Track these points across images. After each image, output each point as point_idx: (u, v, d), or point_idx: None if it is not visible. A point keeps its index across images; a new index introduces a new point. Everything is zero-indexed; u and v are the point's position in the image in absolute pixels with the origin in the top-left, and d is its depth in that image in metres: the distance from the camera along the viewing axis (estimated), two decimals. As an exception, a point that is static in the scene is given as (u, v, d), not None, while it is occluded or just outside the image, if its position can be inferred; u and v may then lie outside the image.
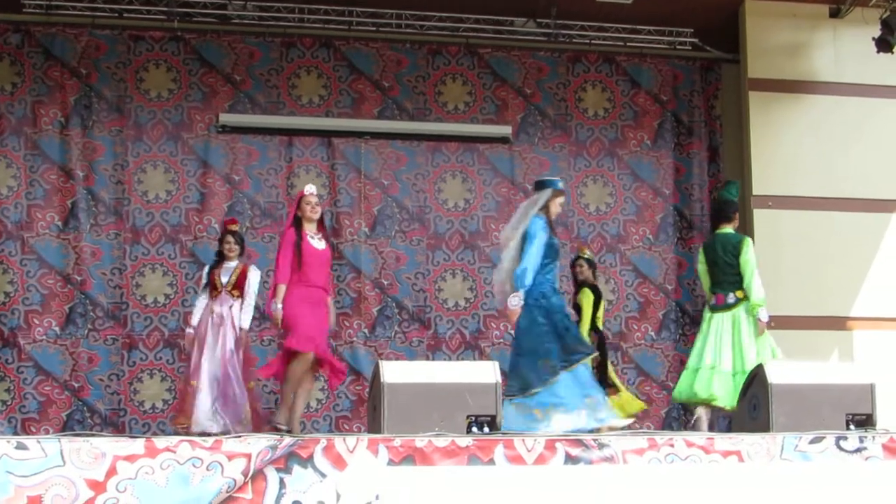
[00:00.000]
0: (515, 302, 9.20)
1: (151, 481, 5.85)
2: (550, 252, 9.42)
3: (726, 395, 9.66)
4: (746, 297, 9.92)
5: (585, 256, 11.92)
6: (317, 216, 10.06)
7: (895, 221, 13.20)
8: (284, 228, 10.31)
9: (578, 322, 11.12)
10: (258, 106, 12.70)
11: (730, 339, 9.92)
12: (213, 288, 10.73)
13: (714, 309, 10.12)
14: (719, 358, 9.85)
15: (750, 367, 9.17)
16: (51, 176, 12.14)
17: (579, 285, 11.75)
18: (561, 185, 9.92)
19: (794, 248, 12.60)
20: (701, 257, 10.45)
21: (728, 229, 10.27)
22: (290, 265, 9.82)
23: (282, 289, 9.78)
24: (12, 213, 12.04)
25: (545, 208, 9.58)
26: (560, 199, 9.75)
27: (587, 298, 11.50)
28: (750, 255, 9.99)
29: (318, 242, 9.96)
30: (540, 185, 9.91)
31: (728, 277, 10.06)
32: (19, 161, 12.11)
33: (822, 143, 13.12)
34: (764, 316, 9.89)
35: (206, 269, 10.98)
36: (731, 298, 9.99)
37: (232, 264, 10.81)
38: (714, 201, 10.89)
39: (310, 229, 9.97)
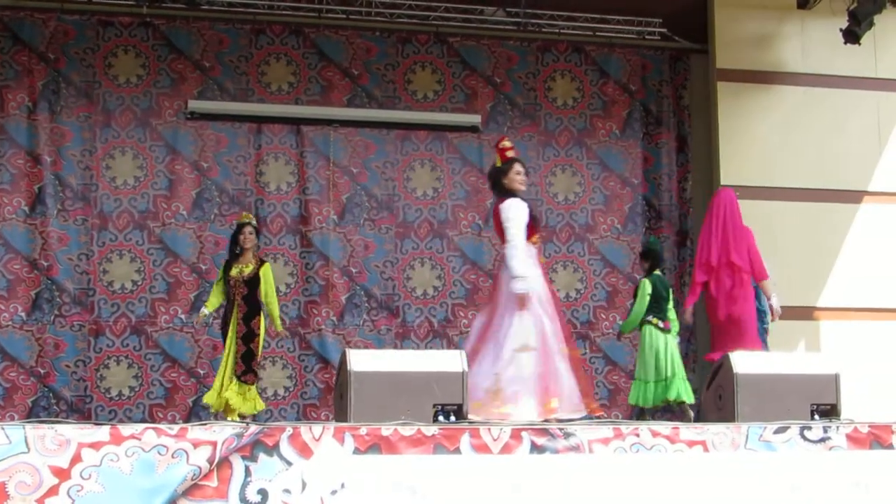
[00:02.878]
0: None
1: (116, 468, 5.83)
2: None
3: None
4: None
5: None
6: None
7: (862, 212, 13.27)
8: (740, 226, 10.66)
9: None
10: (227, 93, 12.68)
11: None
12: (534, 232, 8.88)
13: (666, 332, 11.18)
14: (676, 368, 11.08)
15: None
16: (18, 161, 12.09)
17: None
18: None
19: (761, 239, 12.53)
20: (651, 290, 11.22)
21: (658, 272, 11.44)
22: None
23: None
24: (-22, 198, 12.00)
25: None
26: None
27: None
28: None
29: None
30: None
31: (669, 306, 11.23)
32: (-14, 146, 12.08)
33: (789, 134, 13.19)
34: None
35: (523, 205, 8.84)
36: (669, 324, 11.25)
37: None
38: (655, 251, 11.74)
39: None
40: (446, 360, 7.33)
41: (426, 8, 12.95)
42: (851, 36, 12.41)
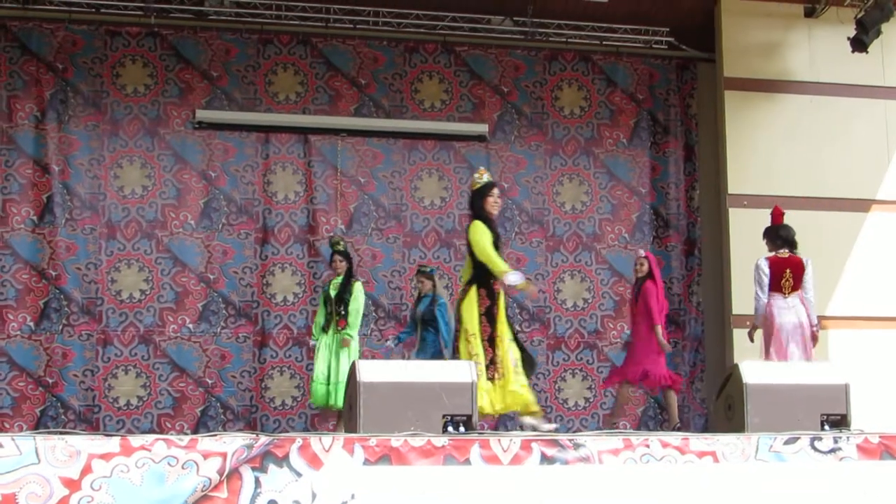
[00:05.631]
0: None
1: (127, 479, 5.82)
2: None
3: None
4: None
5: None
6: None
7: (870, 220, 13.24)
8: None
9: None
10: (235, 102, 12.69)
11: None
12: None
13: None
14: None
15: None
16: (26, 170, 12.11)
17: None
18: None
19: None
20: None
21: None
22: None
23: None
24: (-13, 208, 12.02)
25: None
26: None
27: None
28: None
29: None
30: None
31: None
32: (-6, 156, 12.10)
33: (796, 143, 13.17)
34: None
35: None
36: None
37: None
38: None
39: None
40: (455, 371, 7.33)
41: (433, 17, 12.96)
42: (859, 44, 12.39)
